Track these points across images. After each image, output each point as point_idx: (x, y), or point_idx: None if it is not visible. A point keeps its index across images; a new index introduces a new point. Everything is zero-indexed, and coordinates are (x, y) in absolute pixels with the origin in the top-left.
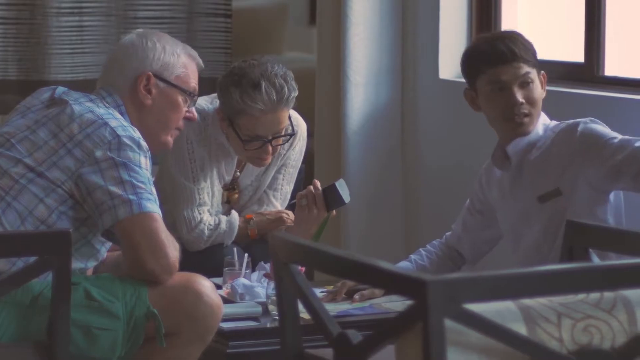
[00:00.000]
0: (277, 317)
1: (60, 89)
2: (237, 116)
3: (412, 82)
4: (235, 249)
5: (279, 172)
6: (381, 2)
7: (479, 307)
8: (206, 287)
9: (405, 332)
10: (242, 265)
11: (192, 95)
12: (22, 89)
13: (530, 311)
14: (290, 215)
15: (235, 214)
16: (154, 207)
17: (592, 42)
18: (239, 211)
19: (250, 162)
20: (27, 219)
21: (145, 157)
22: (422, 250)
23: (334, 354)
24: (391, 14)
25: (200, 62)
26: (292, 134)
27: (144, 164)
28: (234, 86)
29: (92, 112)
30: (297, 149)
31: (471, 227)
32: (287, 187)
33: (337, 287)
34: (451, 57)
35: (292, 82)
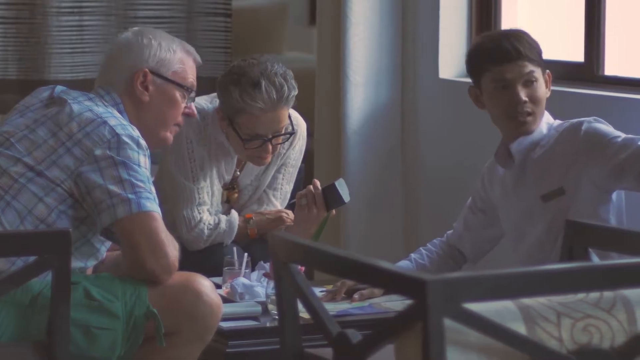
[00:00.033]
0: (276, 317)
1: (59, 88)
2: (236, 115)
3: (412, 82)
4: (235, 248)
5: (278, 171)
6: (381, 2)
7: (478, 307)
8: (206, 286)
9: (404, 331)
10: (241, 264)
11: (189, 90)
12: (22, 89)
13: (529, 310)
14: (290, 214)
15: (235, 213)
16: (153, 206)
17: (592, 42)
18: (239, 211)
19: (250, 161)
20: (27, 218)
21: (144, 155)
22: (422, 249)
23: (334, 354)
24: (391, 14)
25: (197, 58)
26: (292, 133)
27: (143, 163)
28: (234, 85)
29: (91, 110)
30: (297, 148)
31: (473, 226)
32: (286, 186)
33: (337, 287)
34: (451, 57)
35: (292, 80)
